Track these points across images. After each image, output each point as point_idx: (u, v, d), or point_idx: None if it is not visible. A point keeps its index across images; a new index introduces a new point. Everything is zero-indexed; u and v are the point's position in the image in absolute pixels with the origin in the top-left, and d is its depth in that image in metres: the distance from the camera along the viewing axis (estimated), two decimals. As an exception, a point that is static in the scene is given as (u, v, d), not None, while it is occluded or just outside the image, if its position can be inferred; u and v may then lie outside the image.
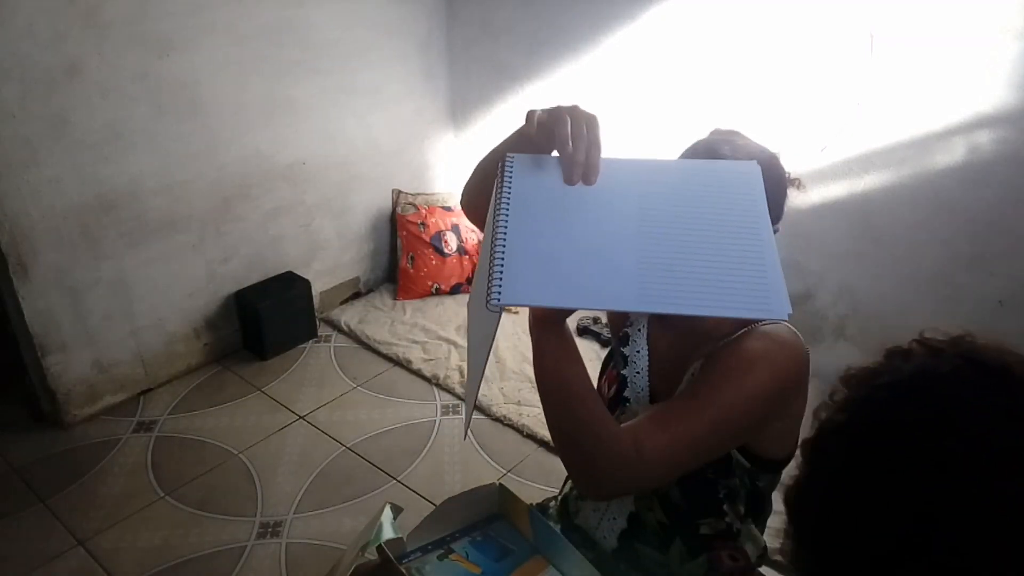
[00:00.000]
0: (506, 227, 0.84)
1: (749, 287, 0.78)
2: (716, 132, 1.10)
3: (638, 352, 1.14)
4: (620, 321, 1.22)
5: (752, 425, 0.97)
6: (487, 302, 0.78)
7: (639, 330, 1.16)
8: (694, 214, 0.86)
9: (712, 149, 1.03)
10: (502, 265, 0.80)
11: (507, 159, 0.92)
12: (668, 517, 1.11)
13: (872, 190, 2.28)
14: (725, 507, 1.09)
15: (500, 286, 0.79)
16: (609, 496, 1.11)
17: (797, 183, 1.10)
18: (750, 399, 0.93)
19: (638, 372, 1.13)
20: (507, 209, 0.86)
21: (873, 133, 2.22)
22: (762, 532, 1.17)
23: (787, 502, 0.67)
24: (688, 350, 1.07)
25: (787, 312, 0.76)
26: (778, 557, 1.89)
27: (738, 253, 0.81)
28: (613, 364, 1.20)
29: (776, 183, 1.04)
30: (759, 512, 1.14)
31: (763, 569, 1.21)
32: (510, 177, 0.90)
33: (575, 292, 0.79)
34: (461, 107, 3.31)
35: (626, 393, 1.14)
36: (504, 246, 0.82)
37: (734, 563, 1.12)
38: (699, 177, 0.91)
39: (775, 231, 1.00)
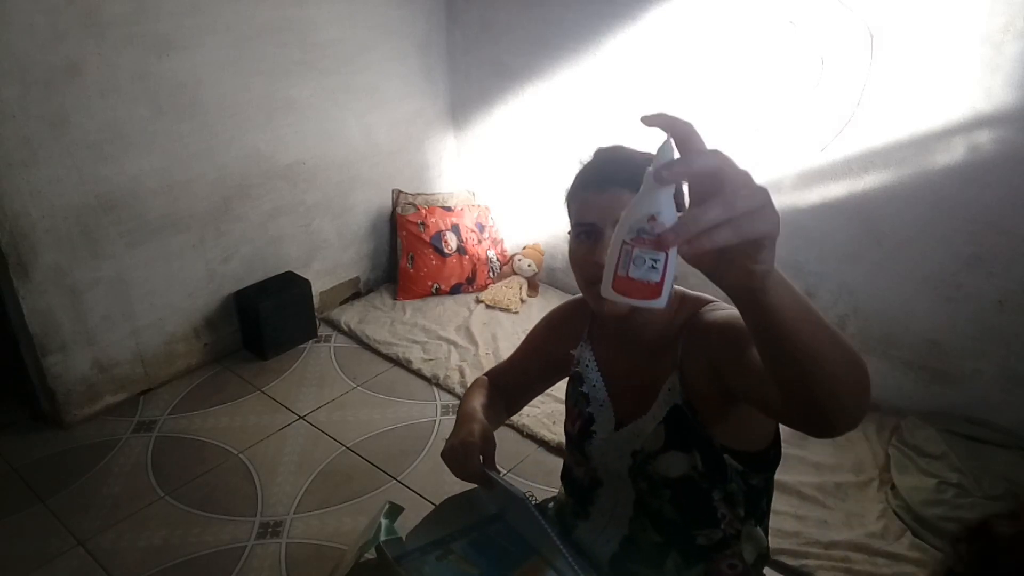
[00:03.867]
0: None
1: None
2: (600, 151, 1.09)
3: (594, 386, 1.18)
4: (569, 366, 1.25)
5: None
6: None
7: (587, 366, 1.20)
8: None
9: (615, 157, 1.04)
10: None
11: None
12: (662, 534, 1.12)
13: (872, 190, 2.28)
14: (720, 514, 1.09)
15: None
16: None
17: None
18: None
19: (600, 404, 1.17)
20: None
21: (873, 133, 2.22)
22: (765, 531, 1.17)
23: None
24: (645, 367, 1.10)
25: None
26: (779, 557, 1.91)
27: None
28: (575, 404, 1.23)
29: None
30: (758, 510, 1.14)
31: (765, 570, 1.21)
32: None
33: None
34: (461, 107, 3.31)
35: (593, 427, 1.17)
36: None
37: (732, 571, 1.13)
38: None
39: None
